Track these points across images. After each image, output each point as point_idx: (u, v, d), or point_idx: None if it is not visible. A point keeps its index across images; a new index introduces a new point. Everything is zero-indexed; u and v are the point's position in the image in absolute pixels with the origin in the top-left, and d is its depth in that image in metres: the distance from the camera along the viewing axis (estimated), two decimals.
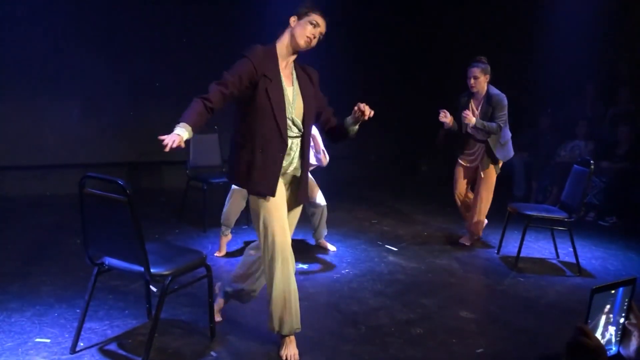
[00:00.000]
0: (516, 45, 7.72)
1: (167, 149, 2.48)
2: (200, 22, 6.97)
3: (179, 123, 2.56)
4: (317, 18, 2.80)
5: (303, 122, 2.86)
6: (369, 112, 2.76)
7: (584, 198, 4.61)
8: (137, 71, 6.69)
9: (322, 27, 2.83)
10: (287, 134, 2.79)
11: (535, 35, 7.47)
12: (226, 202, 4.47)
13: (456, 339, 3.25)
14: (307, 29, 2.78)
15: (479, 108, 4.83)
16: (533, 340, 3.32)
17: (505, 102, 4.74)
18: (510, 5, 7.77)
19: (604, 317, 1.38)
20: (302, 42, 2.79)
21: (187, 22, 6.92)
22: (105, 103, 6.64)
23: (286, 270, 2.80)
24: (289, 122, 2.81)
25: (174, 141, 2.48)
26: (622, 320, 1.41)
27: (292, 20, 2.83)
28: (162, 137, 2.49)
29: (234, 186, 4.36)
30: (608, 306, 1.38)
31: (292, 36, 2.81)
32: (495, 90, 4.78)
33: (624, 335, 1.42)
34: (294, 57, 2.89)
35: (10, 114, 6.15)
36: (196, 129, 2.61)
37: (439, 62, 8.61)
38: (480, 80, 4.73)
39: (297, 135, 2.87)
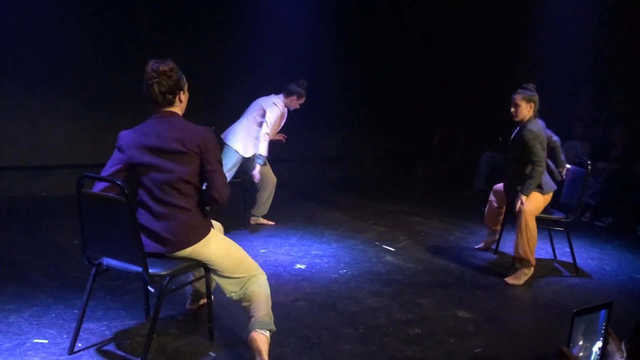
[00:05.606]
0: (512, 47, 7.75)
1: None
2: (199, 25, 6.97)
3: None
4: None
5: None
6: None
7: (581, 198, 4.63)
8: (134, 71, 6.66)
9: None
10: None
11: (530, 38, 7.50)
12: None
13: (454, 338, 3.26)
14: None
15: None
16: (530, 340, 3.35)
17: (535, 136, 4.11)
18: (506, 9, 7.80)
19: (585, 339, 1.40)
20: None
21: (184, 24, 6.91)
22: (102, 103, 6.63)
23: None
24: None
25: None
26: (601, 342, 1.42)
27: None
28: None
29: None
30: (590, 328, 1.40)
31: None
32: (531, 125, 4.17)
33: (604, 356, 1.43)
34: None
35: (5, 113, 6.12)
36: None
37: (436, 64, 8.64)
38: (522, 109, 4.21)
39: None
